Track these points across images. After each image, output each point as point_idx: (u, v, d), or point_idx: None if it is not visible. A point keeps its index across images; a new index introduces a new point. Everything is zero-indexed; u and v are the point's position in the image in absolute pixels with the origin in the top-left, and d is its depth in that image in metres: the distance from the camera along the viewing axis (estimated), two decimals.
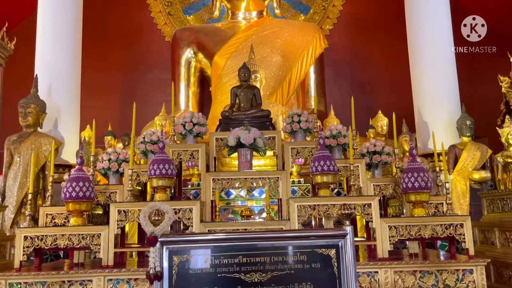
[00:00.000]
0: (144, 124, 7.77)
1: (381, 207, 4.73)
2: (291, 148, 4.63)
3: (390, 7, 9.68)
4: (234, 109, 5.33)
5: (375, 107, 8.51)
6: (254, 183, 4.39)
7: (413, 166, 4.04)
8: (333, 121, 7.39)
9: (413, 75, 8.05)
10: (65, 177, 4.65)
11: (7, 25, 6.33)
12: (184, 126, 4.72)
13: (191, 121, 4.73)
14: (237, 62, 7.64)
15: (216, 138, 4.79)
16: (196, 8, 10.52)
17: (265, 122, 5.16)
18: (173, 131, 4.72)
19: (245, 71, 5.38)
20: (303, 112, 4.92)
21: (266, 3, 9.30)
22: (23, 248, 3.81)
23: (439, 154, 4.85)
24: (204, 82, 9.28)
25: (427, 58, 7.68)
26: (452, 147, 6.80)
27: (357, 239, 4.64)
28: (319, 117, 7.10)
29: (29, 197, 4.23)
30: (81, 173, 4.01)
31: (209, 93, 8.97)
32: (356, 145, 4.63)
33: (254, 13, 9.24)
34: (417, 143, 7.62)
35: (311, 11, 10.58)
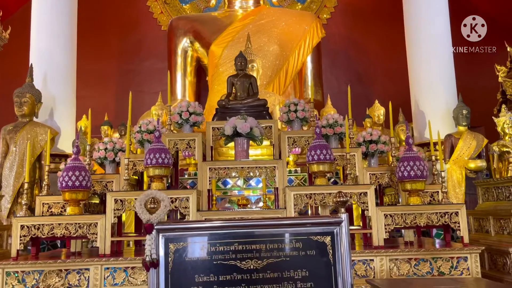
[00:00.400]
0: (140, 114, 7.74)
1: (377, 196, 4.76)
2: (288, 137, 4.63)
3: None
4: (230, 98, 5.31)
5: (372, 97, 8.52)
6: (250, 172, 4.39)
7: (409, 155, 4.06)
8: (330, 110, 7.38)
9: (410, 65, 8.05)
10: (61, 166, 4.64)
11: (1, 14, 6.26)
12: (180, 115, 4.70)
13: (188, 111, 4.71)
14: (234, 51, 7.60)
15: (212, 127, 4.78)
16: None
17: (261, 111, 5.15)
18: (169, 120, 4.71)
19: (241, 59, 5.35)
20: (299, 101, 4.91)
21: None
22: (20, 237, 3.81)
23: (435, 143, 4.86)
24: (200, 71, 9.24)
25: (424, 47, 7.66)
26: (448, 136, 6.82)
27: (353, 228, 4.67)
28: (316, 107, 7.07)
29: (26, 186, 4.23)
30: (77, 163, 4.00)
31: (206, 82, 8.93)
32: (352, 134, 4.63)
33: (251, 2, 9.18)
34: (413, 132, 7.64)
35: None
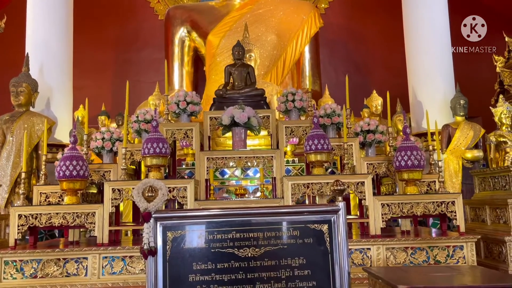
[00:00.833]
0: (137, 103, 7.72)
1: (374, 185, 4.78)
2: (285, 127, 4.63)
3: None
4: (228, 87, 5.29)
5: (370, 87, 8.50)
6: (248, 162, 4.40)
7: (407, 144, 4.07)
8: (327, 101, 7.38)
9: (408, 55, 8.02)
10: (59, 156, 4.62)
11: None
12: (177, 104, 4.69)
13: (185, 100, 4.70)
14: (231, 41, 7.55)
15: (210, 117, 4.77)
16: None
17: (259, 101, 5.14)
18: (166, 109, 4.69)
19: (239, 49, 5.32)
20: (297, 90, 4.90)
21: None
22: (18, 226, 3.82)
23: (432, 133, 4.87)
24: (198, 61, 9.19)
25: (423, 37, 7.63)
26: (445, 126, 6.83)
27: (350, 217, 4.70)
28: (314, 97, 7.07)
29: (23, 176, 4.22)
30: (74, 152, 4.00)
31: (203, 73, 8.89)
32: (350, 124, 4.64)
33: None
34: (411, 122, 7.65)
35: None
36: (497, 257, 4.35)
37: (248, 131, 4.57)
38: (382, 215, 3.92)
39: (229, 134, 4.70)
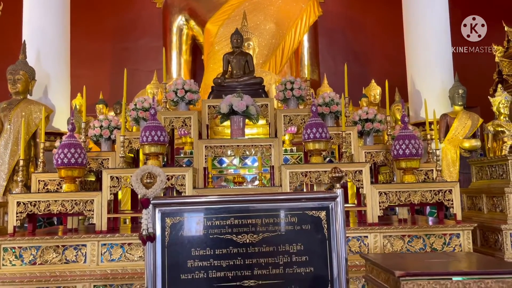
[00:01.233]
0: (135, 92, 7.69)
1: (372, 174, 4.79)
2: (284, 115, 4.63)
3: None
4: (226, 76, 5.27)
5: (369, 76, 8.49)
6: (246, 150, 4.40)
7: (405, 133, 4.07)
8: (326, 90, 7.36)
9: (407, 44, 7.99)
10: (57, 144, 4.62)
11: None
12: (176, 93, 4.67)
13: (183, 88, 4.68)
14: (229, 29, 7.50)
15: (208, 105, 4.76)
16: None
17: (258, 89, 5.13)
18: (165, 98, 4.68)
19: (237, 37, 5.29)
20: (296, 79, 4.89)
21: None
22: (16, 213, 3.82)
23: (430, 122, 4.88)
24: (196, 50, 9.14)
25: (422, 26, 7.60)
26: (443, 115, 6.84)
27: (348, 205, 4.73)
28: (312, 86, 7.06)
29: (21, 163, 4.22)
30: (72, 140, 3.99)
31: (202, 61, 8.85)
32: (348, 113, 4.63)
33: None
34: (409, 112, 7.65)
35: None
36: (493, 245, 4.39)
37: (246, 120, 4.57)
38: (379, 203, 3.94)
39: (227, 122, 4.69)
